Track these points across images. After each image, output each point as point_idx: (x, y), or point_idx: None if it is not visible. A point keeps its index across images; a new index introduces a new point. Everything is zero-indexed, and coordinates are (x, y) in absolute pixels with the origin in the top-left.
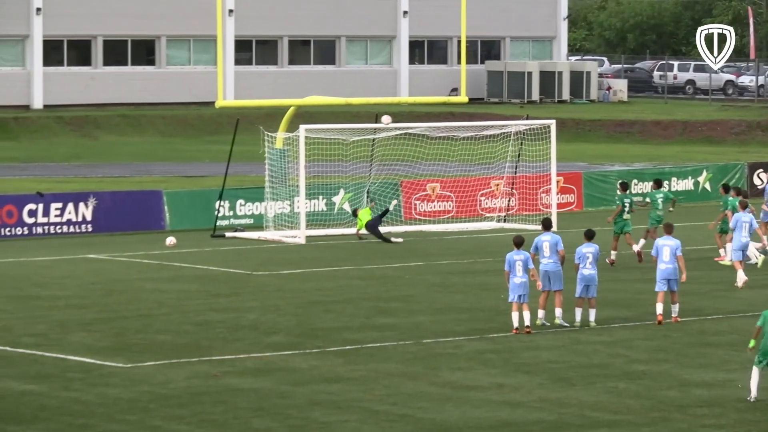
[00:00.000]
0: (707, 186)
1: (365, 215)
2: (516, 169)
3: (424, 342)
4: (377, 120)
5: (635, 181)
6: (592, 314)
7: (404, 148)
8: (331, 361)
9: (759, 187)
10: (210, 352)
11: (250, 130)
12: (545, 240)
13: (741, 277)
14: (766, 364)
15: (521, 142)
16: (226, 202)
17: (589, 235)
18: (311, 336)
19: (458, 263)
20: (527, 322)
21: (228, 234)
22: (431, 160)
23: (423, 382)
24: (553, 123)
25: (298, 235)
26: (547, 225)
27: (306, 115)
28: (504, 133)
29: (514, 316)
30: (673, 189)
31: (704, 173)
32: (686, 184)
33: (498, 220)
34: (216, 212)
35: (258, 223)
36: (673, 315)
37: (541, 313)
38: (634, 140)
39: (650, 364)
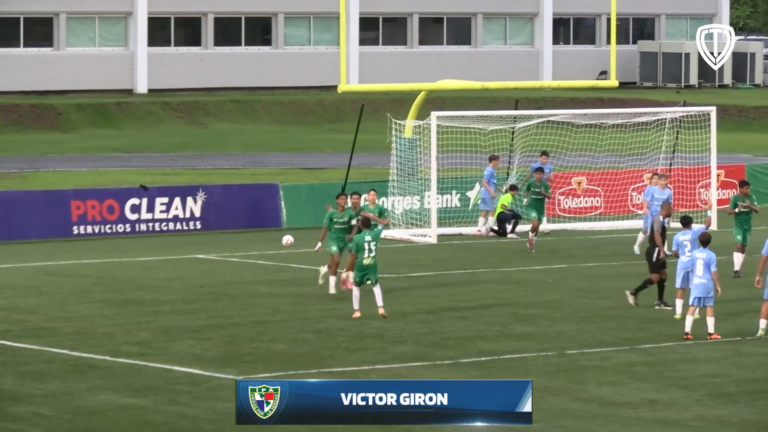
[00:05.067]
0: None
1: (506, 200)
2: (671, 161)
3: (567, 353)
4: (516, 107)
5: None
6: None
7: (547, 138)
8: (464, 373)
9: None
10: (330, 363)
11: (376, 117)
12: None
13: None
14: (361, 282)
15: (677, 131)
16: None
17: (685, 222)
18: (442, 346)
19: (606, 266)
20: (711, 329)
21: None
22: (577, 150)
23: (566, 397)
24: (713, 110)
25: (428, 234)
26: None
27: (438, 100)
28: (658, 120)
29: (688, 320)
30: None
31: None
32: None
33: None
34: None
35: None
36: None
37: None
38: None
39: None
